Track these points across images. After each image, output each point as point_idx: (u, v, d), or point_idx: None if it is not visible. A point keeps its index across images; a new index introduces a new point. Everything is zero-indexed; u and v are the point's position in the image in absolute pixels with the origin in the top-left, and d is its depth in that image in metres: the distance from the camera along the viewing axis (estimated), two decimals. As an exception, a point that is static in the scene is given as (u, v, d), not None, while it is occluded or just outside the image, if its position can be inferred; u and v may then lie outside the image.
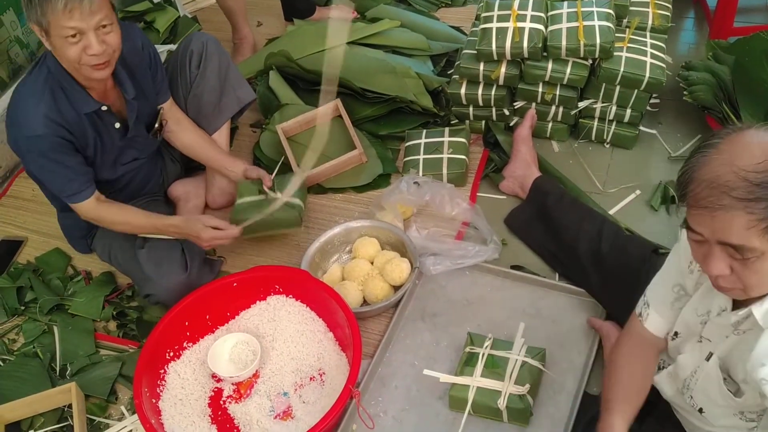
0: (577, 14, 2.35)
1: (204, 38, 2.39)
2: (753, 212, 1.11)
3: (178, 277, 2.10)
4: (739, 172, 1.12)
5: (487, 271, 2.21)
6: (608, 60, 2.34)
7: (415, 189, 2.35)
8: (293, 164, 2.53)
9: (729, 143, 1.16)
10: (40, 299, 2.33)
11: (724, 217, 1.13)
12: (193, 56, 2.36)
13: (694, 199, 1.17)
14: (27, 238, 2.62)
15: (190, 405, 1.97)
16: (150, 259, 2.12)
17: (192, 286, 2.11)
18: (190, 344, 2.10)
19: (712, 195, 1.13)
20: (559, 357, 1.94)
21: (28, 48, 3.06)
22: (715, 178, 1.13)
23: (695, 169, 1.18)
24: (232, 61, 2.47)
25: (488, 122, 2.61)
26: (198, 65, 2.36)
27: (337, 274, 2.26)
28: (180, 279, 2.10)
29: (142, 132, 2.19)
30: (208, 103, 2.40)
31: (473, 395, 1.82)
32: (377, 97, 2.70)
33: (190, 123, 2.37)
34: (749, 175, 1.11)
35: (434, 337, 2.09)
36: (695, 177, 1.17)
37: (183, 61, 2.37)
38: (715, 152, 1.16)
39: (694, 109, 2.52)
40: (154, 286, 2.11)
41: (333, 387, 1.95)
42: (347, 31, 3.00)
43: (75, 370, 2.15)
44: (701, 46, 2.92)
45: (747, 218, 1.11)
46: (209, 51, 2.37)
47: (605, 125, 2.51)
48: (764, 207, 1.11)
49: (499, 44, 2.36)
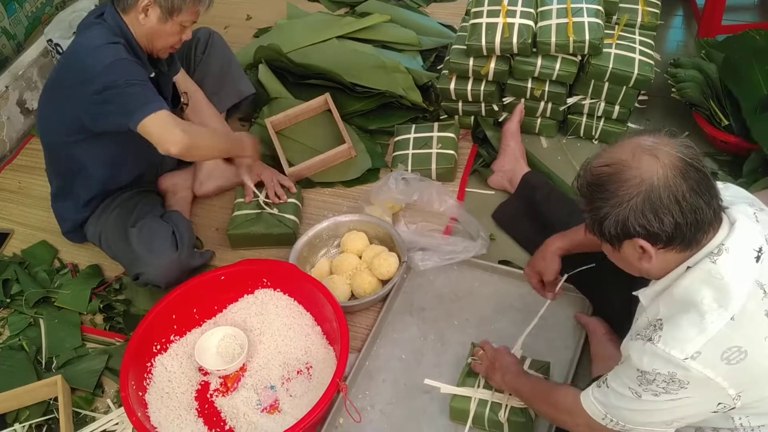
0: (567, 10, 2.36)
1: (211, 31, 2.52)
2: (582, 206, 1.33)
3: (169, 255, 2.11)
4: (587, 168, 1.33)
5: (475, 266, 2.21)
6: (597, 56, 2.35)
7: (403, 186, 2.35)
8: (282, 158, 2.52)
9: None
10: (26, 292, 2.32)
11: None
12: (199, 43, 2.47)
13: None
14: (13, 230, 2.60)
15: (177, 398, 1.97)
16: (141, 237, 2.13)
17: (182, 267, 2.13)
18: (177, 337, 2.09)
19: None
20: (546, 352, 1.95)
21: (14, 39, 3.04)
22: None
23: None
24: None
25: (477, 118, 2.62)
26: (203, 51, 2.48)
27: (326, 268, 2.26)
28: (171, 257, 2.11)
29: (168, 105, 2.22)
30: (209, 88, 2.47)
31: (474, 407, 1.81)
32: (367, 92, 2.70)
33: (203, 96, 2.43)
34: (588, 172, 1.32)
35: (422, 331, 2.09)
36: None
37: (189, 47, 2.45)
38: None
39: (682, 106, 2.53)
40: (145, 264, 2.11)
41: (320, 381, 1.95)
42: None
43: (61, 363, 2.14)
44: (690, 43, 2.94)
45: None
46: (214, 40, 2.50)
47: (594, 121, 2.52)
48: (585, 203, 1.32)
49: (488, 39, 2.36)
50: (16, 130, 2.98)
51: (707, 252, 1.28)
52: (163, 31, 2.04)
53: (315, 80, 2.78)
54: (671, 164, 1.24)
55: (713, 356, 1.23)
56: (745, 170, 2.31)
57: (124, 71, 1.95)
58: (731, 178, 2.32)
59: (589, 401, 1.44)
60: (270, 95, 2.79)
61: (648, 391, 1.30)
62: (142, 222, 2.17)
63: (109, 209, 2.27)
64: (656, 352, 1.27)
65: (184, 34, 2.09)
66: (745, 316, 1.23)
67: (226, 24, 3.38)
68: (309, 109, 2.69)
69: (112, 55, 1.95)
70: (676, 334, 1.26)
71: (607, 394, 1.40)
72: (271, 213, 2.34)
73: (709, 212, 1.25)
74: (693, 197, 1.23)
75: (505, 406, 1.78)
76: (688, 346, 1.23)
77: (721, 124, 2.36)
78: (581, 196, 1.35)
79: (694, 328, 1.24)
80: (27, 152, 2.92)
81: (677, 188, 1.23)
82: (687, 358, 1.23)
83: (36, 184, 2.73)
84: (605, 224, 1.29)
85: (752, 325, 1.24)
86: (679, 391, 1.27)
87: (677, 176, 1.23)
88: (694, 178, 1.24)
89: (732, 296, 1.23)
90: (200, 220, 2.53)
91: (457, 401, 1.83)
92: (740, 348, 1.22)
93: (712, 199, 1.26)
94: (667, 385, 1.27)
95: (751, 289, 1.25)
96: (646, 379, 1.29)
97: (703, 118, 2.43)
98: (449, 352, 2.02)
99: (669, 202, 1.23)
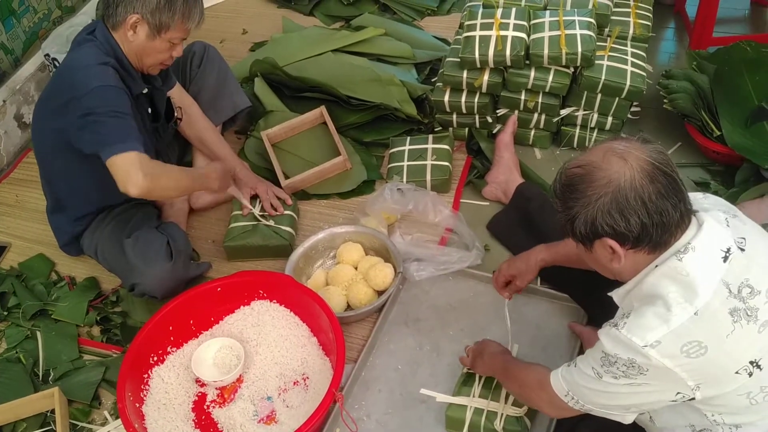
0: (559, 23, 2.38)
1: (206, 44, 2.54)
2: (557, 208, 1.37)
3: (164, 265, 2.11)
4: (561, 171, 1.38)
5: (470, 277, 2.22)
6: (590, 68, 2.37)
7: (398, 197, 2.37)
8: (278, 170, 2.54)
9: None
10: (23, 305, 2.33)
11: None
12: (194, 57, 2.48)
13: None
14: (10, 243, 2.61)
15: (174, 409, 1.97)
16: (136, 248, 2.13)
17: (177, 278, 2.14)
18: (174, 349, 2.10)
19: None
20: (542, 361, 1.93)
21: (12, 54, 3.06)
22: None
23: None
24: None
25: (471, 129, 2.64)
26: (199, 65, 2.49)
27: (322, 279, 2.27)
28: (165, 267, 2.11)
29: (162, 120, 2.26)
30: (205, 102, 2.48)
31: (470, 416, 1.82)
32: (362, 105, 2.72)
33: (198, 110, 2.44)
34: (562, 175, 1.36)
35: (417, 341, 2.10)
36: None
37: (184, 61, 2.47)
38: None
39: (674, 117, 2.56)
40: (140, 275, 2.11)
41: (317, 391, 1.95)
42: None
43: (58, 376, 2.15)
44: (682, 55, 2.97)
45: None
46: (210, 54, 2.51)
47: (587, 133, 2.54)
48: (559, 204, 1.36)
49: (482, 52, 2.38)
50: (14, 144, 3.00)
51: (674, 251, 1.32)
52: (153, 47, 2.04)
53: (310, 93, 2.80)
54: (639, 167, 1.28)
55: (673, 347, 1.27)
56: (737, 180, 2.33)
57: (107, 100, 1.93)
58: (723, 188, 2.34)
59: (556, 378, 1.49)
60: (266, 108, 2.81)
61: (609, 373, 1.35)
62: (137, 233, 2.18)
63: (104, 222, 2.28)
64: (619, 337, 1.31)
65: (174, 51, 2.08)
66: (708, 312, 1.27)
67: (222, 38, 3.40)
68: (305, 121, 2.71)
69: (99, 79, 1.94)
70: (640, 322, 1.30)
71: (572, 372, 1.45)
72: (267, 225, 2.35)
73: (675, 215, 1.29)
74: (659, 199, 1.27)
75: (501, 414, 1.79)
76: (649, 334, 1.28)
77: (713, 134, 2.38)
78: (556, 197, 1.39)
79: (658, 319, 1.28)
80: (24, 166, 2.93)
81: (644, 190, 1.27)
82: (646, 345, 1.27)
83: (33, 197, 2.74)
84: (575, 224, 1.34)
85: (715, 321, 1.27)
86: (638, 377, 1.31)
87: (644, 178, 1.28)
88: (661, 181, 1.28)
89: (697, 292, 1.27)
90: (197, 232, 2.54)
91: (453, 410, 1.84)
92: (701, 343, 1.26)
93: (679, 203, 1.30)
94: (627, 369, 1.31)
95: (717, 287, 1.28)
96: (608, 360, 1.34)
97: (695, 128, 2.45)
98: (445, 362, 2.03)
99: (635, 203, 1.27)
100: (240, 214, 2.40)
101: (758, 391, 1.33)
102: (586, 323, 2.01)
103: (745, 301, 1.29)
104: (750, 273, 1.31)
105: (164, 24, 1.99)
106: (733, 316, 1.28)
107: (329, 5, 3.47)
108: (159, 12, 1.97)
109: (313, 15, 3.47)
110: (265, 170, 2.63)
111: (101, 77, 1.95)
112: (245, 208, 2.38)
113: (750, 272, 1.31)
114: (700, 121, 2.43)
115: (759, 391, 1.33)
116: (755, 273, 1.31)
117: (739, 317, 1.28)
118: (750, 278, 1.30)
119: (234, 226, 2.38)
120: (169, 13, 1.98)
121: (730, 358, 1.28)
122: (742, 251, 1.33)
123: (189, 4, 2.01)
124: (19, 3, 3.05)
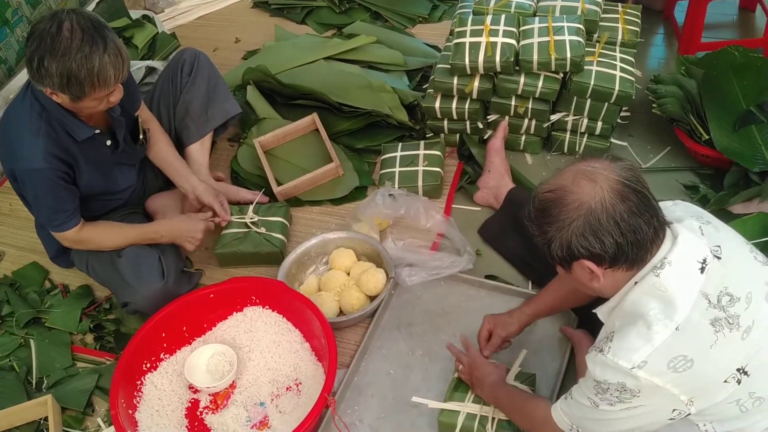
0: (548, 29, 2.40)
1: (196, 51, 2.52)
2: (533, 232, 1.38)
3: (155, 285, 2.11)
4: (534, 196, 1.38)
5: (462, 281, 2.23)
6: (579, 74, 2.39)
7: (390, 202, 2.38)
8: (270, 177, 2.55)
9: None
10: (16, 313, 2.33)
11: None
12: (185, 65, 2.47)
13: None
14: (4, 252, 2.62)
15: (167, 416, 1.98)
16: (128, 267, 2.13)
17: (169, 295, 2.12)
18: (167, 355, 2.10)
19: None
20: (533, 364, 1.97)
21: (5, 63, 3.07)
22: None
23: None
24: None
25: (462, 135, 2.65)
26: (189, 73, 2.47)
27: (314, 285, 2.28)
28: (157, 286, 2.11)
29: (129, 143, 2.23)
30: (196, 110, 2.47)
31: (462, 421, 1.82)
32: (354, 111, 2.73)
33: (158, 126, 2.41)
34: (535, 199, 1.37)
35: (410, 346, 2.11)
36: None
37: (175, 69, 2.47)
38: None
39: (663, 122, 2.57)
40: (133, 293, 2.11)
41: (309, 397, 1.96)
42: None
43: (51, 383, 2.15)
44: (671, 60, 2.99)
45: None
46: (201, 62, 2.49)
47: (577, 138, 2.56)
48: (535, 228, 1.38)
49: (472, 59, 2.40)
50: (7, 154, 3.00)
51: (651, 267, 1.33)
52: (82, 106, 1.91)
53: (303, 101, 2.81)
54: (609, 187, 1.29)
55: (659, 365, 1.28)
56: (726, 183, 2.35)
57: (36, 186, 1.98)
58: (713, 192, 2.36)
59: (558, 413, 1.50)
60: (258, 116, 2.82)
61: (604, 400, 1.35)
62: (129, 249, 2.16)
63: None
64: (606, 362, 1.32)
65: (111, 98, 1.91)
66: (689, 325, 1.28)
67: (215, 46, 3.42)
68: (297, 129, 2.72)
69: (29, 161, 1.94)
70: (624, 344, 1.31)
71: (570, 405, 1.46)
72: (258, 232, 2.36)
73: (649, 231, 1.30)
74: (632, 218, 1.29)
75: (492, 419, 1.80)
76: (634, 355, 1.29)
77: (702, 138, 2.40)
78: (530, 221, 1.40)
79: (641, 339, 1.29)
80: (18, 175, 2.93)
81: (615, 210, 1.28)
82: (634, 367, 1.28)
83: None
84: (552, 248, 1.35)
85: (697, 334, 1.28)
86: (632, 400, 1.32)
87: (615, 198, 1.29)
88: (632, 199, 1.29)
89: (677, 307, 1.28)
90: (190, 239, 2.54)
91: (446, 415, 1.85)
92: (686, 357, 1.27)
93: (651, 218, 1.31)
94: (620, 394, 1.32)
95: (696, 299, 1.30)
96: (601, 388, 1.35)
97: (683, 132, 2.47)
98: (437, 367, 2.04)
99: (608, 224, 1.28)
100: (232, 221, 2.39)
101: (747, 397, 1.34)
102: (577, 326, 2.02)
103: (725, 309, 1.30)
104: (728, 281, 1.32)
105: (78, 95, 1.84)
106: (715, 326, 1.29)
107: (321, 13, 3.48)
108: (67, 88, 1.81)
109: (305, 23, 3.48)
110: (258, 177, 2.65)
111: (31, 157, 1.94)
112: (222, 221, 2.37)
113: (728, 280, 1.32)
114: (688, 125, 2.44)
115: (748, 397, 1.34)
116: (733, 280, 1.32)
117: (720, 327, 1.29)
118: (729, 286, 1.31)
119: (226, 233, 2.38)
120: (77, 87, 1.81)
121: (717, 368, 1.30)
122: (718, 259, 1.34)
123: (95, 73, 1.79)
124: (12, 13, 3.07)
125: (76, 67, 1.77)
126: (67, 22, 1.78)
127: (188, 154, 2.52)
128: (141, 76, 3.03)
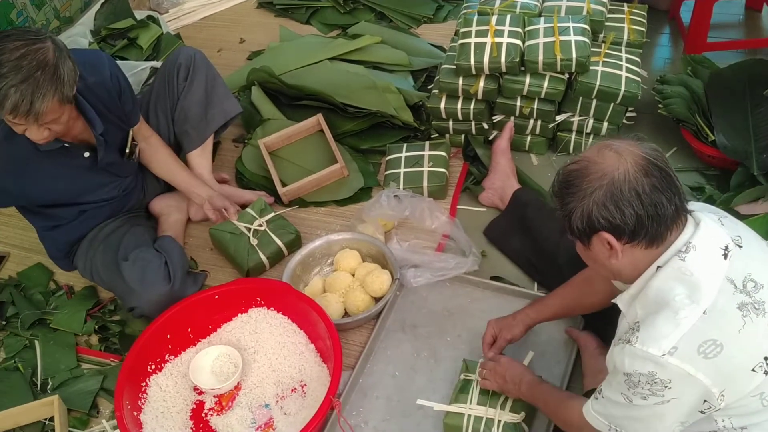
0: (554, 29, 2.40)
1: (192, 51, 2.45)
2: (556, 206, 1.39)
3: (161, 289, 2.11)
4: (559, 171, 1.39)
5: (467, 283, 2.23)
6: (584, 74, 2.38)
7: (395, 203, 2.37)
8: (275, 178, 2.55)
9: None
10: (21, 314, 2.33)
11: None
12: (180, 69, 2.41)
13: None
14: (9, 253, 2.62)
15: (172, 417, 1.98)
16: (134, 271, 2.12)
17: (175, 298, 2.12)
18: (172, 357, 2.10)
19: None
20: (539, 366, 1.96)
21: None
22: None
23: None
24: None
25: (468, 136, 2.64)
26: (186, 77, 2.41)
27: (319, 286, 2.27)
28: (163, 290, 2.11)
29: (116, 157, 2.21)
30: (195, 115, 2.44)
31: (467, 423, 1.81)
32: (358, 112, 2.73)
33: (158, 140, 2.39)
34: (560, 174, 1.38)
35: (415, 348, 2.10)
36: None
37: (171, 74, 2.41)
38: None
39: (669, 122, 2.56)
40: (138, 298, 2.11)
41: (314, 398, 1.96)
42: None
43: (56, 384, 2.15)
44: (677, 60, 2.97)
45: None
46: (197, 64, 2.43)
47: (583, 138, 2.55)
48: (558, 202, 1.38)
49: (477, 59, 2.39)
50: (12, 154, 3.00)
51: (675, 250, 1.32)
52: (19, 129, 1.86)
53: (307, 101, 2.81)
54: (633, 161, 1.30)
55: (690, 350, 1.26)
56: (733, 184, 2.34)
57: None
58: (719, 193, 2.35)
59: (591, 416, 1.47)
60: (263, 116, 2.82)
61: (636, 394, 1.33)
62: (134, 253, 2.16)
63: (95, 243, 2.27)
64: (635, 352, 1.30)
65: (21, 128, 1.85)
66: (717, 309, 1.27)
67: (220, 47, 3.42)
68: (302, 129, 2.72)
69: None
70: (652, 332, 1.29)
71: (604, 405, 1.43)
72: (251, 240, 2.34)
73: (670, 207, 1.30)
74: (654, 192, 1.29)
75: (497, 421, 1.79)
76: (664, 342, 1.27)
77: (708, 139, 2.39)
78: (554, 196, 1.41)
79: (669, 325, 1.28)
80: (23, 176, 2.93)
81: (638, 182, 1.29)
82: (664, 354, 1.27)
83: (31, 207, 2.75)
84: (573, 219, 1.35)
85: (725, 318, 1.28)
86: (664, 392, 1.29)
87: (638, 172, 1.29)
88: (655, 175, 1.30)
89: (703, 292, 1.28)
90: (195, 240, 2.54)
91: (451, 418, 1.84)
92: (716, 341, 1.26)
93: (673, 197, 1.31)
94: (651, 387, 1.30)
95: (722, 284, 1.29)
96: (632, 381, 1.32)
97: (690, 133, 2.46)
98: (442, 368, 2.04)
99: (630, 195, 1.28)
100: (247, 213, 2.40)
101: None
102: (583, 328, 2.02)
103: (750, 295, 1.30)
104: (751, 268, 1.32)
105: None
106: (742, 311, 1.28)
107: (326, 14, 3.48)
108: None
109: (310, 24, 3.48)
110: (263, 178, 2.65)
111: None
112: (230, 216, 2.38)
113: (750, 267, 1.32)
114: (694, 126, 2.44)
115: None
116: (756, 267, 1.32)
117: (747, 311, 1.28)
118: (752, 273, 1.31)
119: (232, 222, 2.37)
120: None
121: (746, 353, 1.28)
122: (740, 248, 1.34)
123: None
124: (17, 14, 3.07)
125: None
126: (12, 44, 1.73)
127: (190, 160, 2.50)
128: (145, 77, 3.03)
